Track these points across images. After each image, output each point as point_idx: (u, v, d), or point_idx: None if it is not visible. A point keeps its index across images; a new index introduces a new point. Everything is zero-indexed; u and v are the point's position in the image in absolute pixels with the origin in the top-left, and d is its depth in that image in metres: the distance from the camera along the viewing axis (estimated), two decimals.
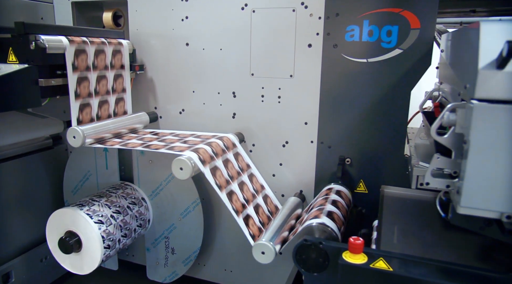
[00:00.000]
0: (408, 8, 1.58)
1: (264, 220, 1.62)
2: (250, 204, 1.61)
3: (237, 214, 1.49)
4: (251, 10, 1.81)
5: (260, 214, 1.62)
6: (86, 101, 1.70)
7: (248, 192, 1.66)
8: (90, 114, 1.73)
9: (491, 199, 0.95)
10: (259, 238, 1.47)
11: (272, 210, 1.73)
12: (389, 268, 1.10)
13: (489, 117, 0.92)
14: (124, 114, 1.94)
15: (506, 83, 0.89)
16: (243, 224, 1.48)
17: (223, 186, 1.53)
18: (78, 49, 1.62)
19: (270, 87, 1.85)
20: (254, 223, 1.54)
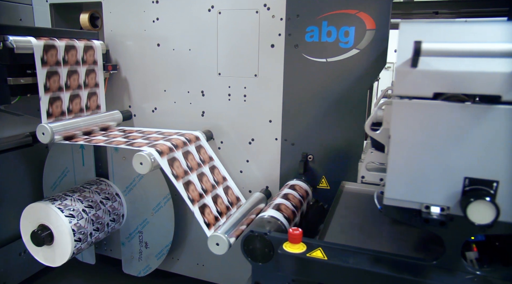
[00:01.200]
0: (363, 9, 1.64)
1: (222, 210, 1.68)
2: (208, 194, 1.67)
3: (192, 203, 1.55)
4: (217, 12, 1.87)
5: (218, 204, 1.68)
6: (57, 95, 1.77)
7: (208, 183, 1.72)
8: (60, 108, 1.80)
9: (412, 191, 1.01)
10: (216, 229, 1.53)
11: (232, 201, 1.79)
12: (324, 257, 1.16)
13: (406, 113, 0.97)
14: (97, 108, 2.01)
15: (420, 81, 0.94)
16: (198, 213, 1.54)
17: (180, 176, 1.59)
18: (47, 44, 1.69)
19: (236, 86, 1.92)
20: (210, 212, 1.60)
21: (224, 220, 1.64)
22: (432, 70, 0.93)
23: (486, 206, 0.90)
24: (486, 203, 0.90)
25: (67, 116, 1.84)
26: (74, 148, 2.22)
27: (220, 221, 1.62)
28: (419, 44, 0.88)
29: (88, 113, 1.96)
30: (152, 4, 1.99)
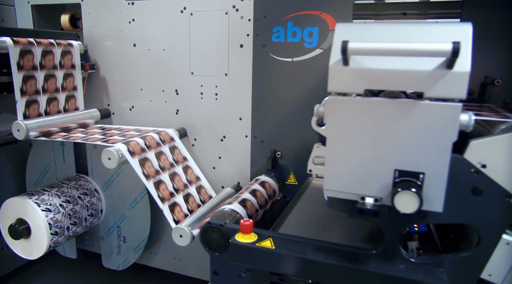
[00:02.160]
0: (326, 10, 1.70)
1: (193, 208, 1.74)
2: (179, 193, 1.73)
3: (162, 201, 1.61)
4: (189, 13, 1.93)
5: (189, 203, 1.74)
6: (33, 98, 1.84)
7: (180, 182, 1.78)
8: (37, 110, 1.86)
9: (348, 183, 1.06)
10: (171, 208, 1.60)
11: (205, 199, 1.85)
12: (272, 247, 1.21)
13: (340, 108, 1.03)
14: (76, 111, 2.08)
15: (352, 78, 1.00)
16: (167, 210, 1.60)
17: (151, 176, 1.65)
18: (24, 50, 1.75)
19: (208, 85, 1.98)
20: (180, 210, 1.66)
21: (181, 197, 1.71)
22: (362, 68, 0.99)
23: (411, 196, 0.96)
24: (410, 193, 0.96)
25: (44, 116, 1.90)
26: (55, 145, 2.29)
27: (176, 197, 1.68)
28: (345, 43, 0.94)
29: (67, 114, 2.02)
30: (128, 6, 2.05)
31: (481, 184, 1.02)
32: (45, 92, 1.89)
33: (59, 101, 1.97)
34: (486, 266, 1.07)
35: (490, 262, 1.07)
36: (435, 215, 1.06)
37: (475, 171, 1.02)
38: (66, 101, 2.01)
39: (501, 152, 0.99)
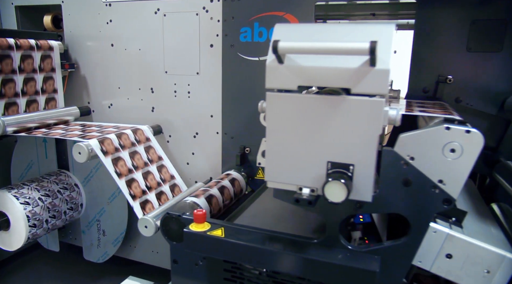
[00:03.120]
0: (289, 11, 1.76)
1: (152, 185, 1.81)
2: (152, 191, 1.80)
3: (133, 198, 1.68)
4: (162, 14, 2.01)
5: (162, 200, 1.81)
6: (12, 100, 1.92)
7: (153, 181, 1.85)
8: (16, 112, 1.94)
9: (287, 174, 1.13)
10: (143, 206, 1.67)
11: (166, 178, 1.92)
12: (222, 235, 1.28)
13: (276, 104, 1.10)
14: None
15: (286, 75, 1.07)
16: (138, 207, 1.67)
17: (123, 174, 1.72)
18: (2, 54, 1.83)
19: (181, 84, 2.05)
20: (152, 207, 1.73)
21: (153, 194, 1.78)
22: (295, 66, 1.05)
23: (339, 186, 1.02)
24: (338, 183, 1.02)
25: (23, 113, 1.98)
26: (38, 142, 2.37)
27: (148, 195, 1.76)
28: (276, 43, 1.00)
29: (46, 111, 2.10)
30: (106, 7, 2.13)
31: (410, 175, 1.09)
32: (25, 95, 1.97)
33: (39, 104, 2.05)
34: (417, 253, 1.13)
35: (420, 249, 1.13)
36: (370, 205, 1.13)
37: (404, 163, 1.08)
38: (46, 103, 2.09)
39: (427, 145, 1.06)
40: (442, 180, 1.06)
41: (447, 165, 1.05)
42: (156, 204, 1.78)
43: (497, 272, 1.07)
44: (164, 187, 1.90)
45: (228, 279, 1.37)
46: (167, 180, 1.95)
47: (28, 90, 1.98)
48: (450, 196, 1.07)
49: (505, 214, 1.40)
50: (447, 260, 1.11)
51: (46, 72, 2.07)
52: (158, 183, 1.88)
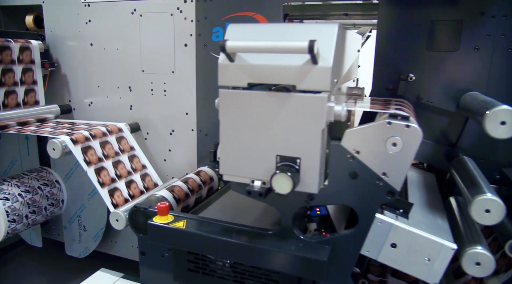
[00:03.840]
0: (259, 11, 1.81)
1: (135, 194, 1.86)
2: (121, 179, 1.85)
3: (102, 186, 1.74)
4: (139, 15, 2.06)
5: (131, 189, 1.86)
6: None
7: (123, 170, 1.90)
8: None
9: (239, 167, 1.18)
10: None
11: (149, 186, 1.97)
12: (183, 227, 1.33)
13: (228, 100, 1.15)
14: (36, 104, 2.21)
15: (236, 73, 1.12)
16: (106, 195, 1.72)
17: (92, 163, 1.78)
18: None
19: (157, 82, 2.10)
20: (121, 194, 1.79)
21: (123, 183, 1.83)
22: (245, 64, 1.10)
23: (284, 178, 1.07)
24: (283, 176, 1.07)
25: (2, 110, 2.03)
26: (20, 139, 2.42)
27: (118, 183, 1.81)
28: (223, 42, 1.06)
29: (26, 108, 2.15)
30: (85, 8, 2.18)
31: (356, 168, 1.14)
32: (3, 86, 2.02)
33: (18, 94, 2.10)
34: (365, 243, 1.18)
35: (367, 239, 1.18)
36: (320, 197, 1.18)
37: (350, 156, 1.14)
38: (26, 94, 2.14)
39: (371, 139, 1.11)
40: (385, 172, 1.11)
41: (390, 158, 1.10)
42: (125, 192, 1.82)
43: (437, 260, 1.12)
44: (135, 176, 1.95)
45: (191, 270, 1.42)
46: (138, 169, 1.99)
47: (6, 81, 2.03)
48: (394, 188, 1.12)
49: (459, 206, 1.45)
50: (392, 249, 1.16)
51: (25, 64, 2.12)
52: (129, 171, 1.93)
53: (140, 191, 1.92)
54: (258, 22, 1.82)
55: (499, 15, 1.48)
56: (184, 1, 1.95)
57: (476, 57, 1.54)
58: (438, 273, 1.13)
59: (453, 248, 1.11)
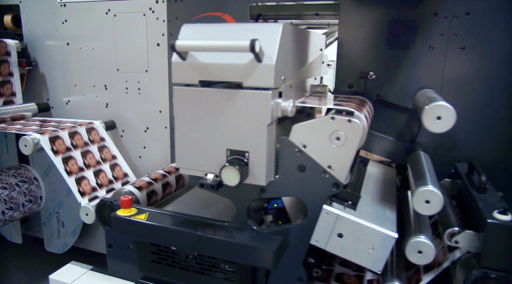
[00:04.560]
0: (227, 12, 1.87)
1: (103, 183, 1.91)
2: (90, 169, 1.90)
3: (69, 174, 1.78)
4: (113, 15, 2.11)
5: (100, 178, 1.91)
6: None
7: (92, 159, 1.95)
8: None
9: (194, 161, 1.23)
10: (92, 199, 1.77)
11: (119, 176, 2.01)
12: (144, 219, 1.38)
13: (181, 97, 1.20)
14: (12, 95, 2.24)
15: (188, 71, 1.17)
16: (73, 183, 1.77)
17: (60, 152, 1.82)
18: None
19: (131, 81, 2.15)
20: (88, 183, 1.84)
21: (91, 172, 1.88)
22: (196, 63, 1.16)
23: (232, 171, 1.12)
24: (231, 168, 1.12)
25: None
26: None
27: (99, 192, 1.85)
28: (173, 42, 1.11)
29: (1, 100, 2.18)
30: (61, 8, 2.23)
31: (304, 162, 1.19)
32: None
33: None
34: (314, 233, 1.24)
35: (316, 230, 1.23)
36: (271, 189, 1.24)
37: (298, 150, 1.19)
38: (1, 86, 2.17)
39: (317, 133, 1.16)
40: (330, 165, 1.17)
41: (334, 151, 1.16)
42: (93, 181, 1.87)
43: (379, 248, 1.17)
44: (104, 165, 1.99)
45: (155, 261, 1.47)
46: (108, 159, 2.04)
47: None
48: (338, 180, 1.18)
49: None
50: (338, 239, 1.22)
51: (3, 77, 2.16)
52: (98, 161, 1.98)
53: (108, 180, 1.97)
54: (226, 22, 1.87)
55: (451, 16, 1.54)
56: (156, 1, 2.00)
57: (431, 55, 1.60)
58: (381, 261, 1.18)
59: (394, 236, 1.17)
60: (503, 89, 1.54)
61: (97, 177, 1.92)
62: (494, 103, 1.56)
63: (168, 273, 1.46)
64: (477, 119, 1.59)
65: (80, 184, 1.80)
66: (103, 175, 1.96)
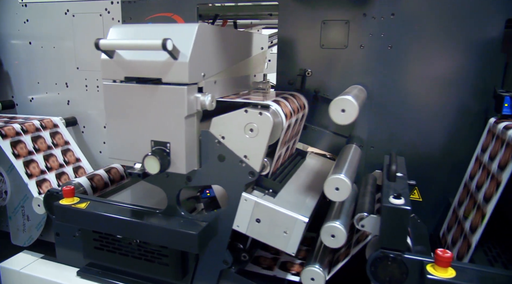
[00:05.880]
0: (177, 12, 1.96)
1: (53, 167, 1.99)
2: (52, 171, 1.98)
3: (29, 177, 1.87)
4: (72, 15, 2.19)
5: (62, 180, 2.00)
6: None
7: (55, 162, 2.03)
8: None
9: (123, 151, 1.32)
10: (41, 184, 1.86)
11: (70, 161, 2.10)
12: (84, 207, 1.47)
13: (109, 92, 1.29)
14: None
15: (115, 68, 1.26)
16: (33, 185, 1.86)
17: (21, 155, 1.91)
18: None
19: (91, 79, 2.23)
20: (49, 185, 1.92)
21: (53, 174, 1.97)
22: (121, 60, 1.25)
23: (152, 160, 1.22)
24: (152, 158, 1.21)
25: None
26: None
27: (47, 174, 1.94)
28: (97, 41, 1.20)
29: None
30: (22, 8, 2.31)
31: (223, 152, 1.29)
32: None
33: None
34: (235, 219, 1.33)
35: (237, 216, 1.33)
36: (196, 178, 1.33)
37: (218, 141, 1.28)
38: None
39: (233, 125, 1.26)
40: (246, 155, 1.27)
41: (249, 142, 1.25)
42: (43, 165, 1.95)
43: (293, 232, 1.27)
44: (55, 150, 2.07)
45: (97, 247, 1.55)
46: (60, 145, 2.11)
47: None
48: (253, 169, 1.27)
49: None
50: (257, 224, 1.31)
51: None
52: (49, 146, 2.05)
53: (59, 164, 2.05)
54: (176, 22, 1.96)
55: (378, 16, 1.64)
56: (111, 2, 2.08)
57: (362, 54, 1.70)
58: (295, 243, 1.28)
59: (305, 221, 1.26)
60: (430, 85, 1.64)
61: (59, 179, 2.01)
62: (422, 99, 1.66)
63: (109, 259, 1.55)
64: (408, 114, 1.69)
65: (41, 186, 1.90)
66: (65, 177, 2.05)
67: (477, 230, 1.29)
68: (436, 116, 1.66)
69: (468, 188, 1.51)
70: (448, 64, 1.60)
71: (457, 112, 1.63)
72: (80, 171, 2.14)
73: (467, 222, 1.39)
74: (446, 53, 1.59)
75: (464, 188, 1.58)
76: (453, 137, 1.65)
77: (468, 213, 1.43)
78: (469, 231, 1.34)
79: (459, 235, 1.43)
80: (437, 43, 1.59)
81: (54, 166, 2.02)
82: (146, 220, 1.37)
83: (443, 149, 1.67)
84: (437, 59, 1.60)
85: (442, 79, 1.62)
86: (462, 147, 1.65)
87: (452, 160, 1.67)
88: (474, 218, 1.34)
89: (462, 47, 1.57)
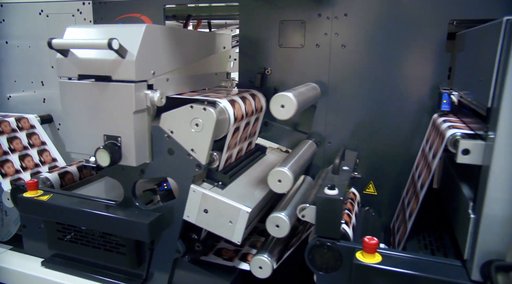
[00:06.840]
0: (145, 13, 2.03)
1: (28, 166, 2.06)
2: (27, 171, 2.05)
3: (4, 176, 1.93)
4: (46, 15, 2.26)
5: (25, 161, 2.06)
6: None
7: (30, 162, 2.10)
8: None
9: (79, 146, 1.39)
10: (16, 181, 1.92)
11: (46, 161, 2.16)
12: (45, 199, 1.54)
13: (65, 89, 1.36)
14: None
15: (69, 66, 1.33)
16: (7, 184, 1.92)
17: None
18: None
19: None
20: (12, 166, 1.99)
21: (28, 174, 2.03)
22: (75, 59, 1.32)
23: (103, 154, 1.28)
24: (103, 151, 1.28)
25: None
26: None
27: (22, 174, 2.01)
28: (50, 40, 1.27)
29: None
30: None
31: (172, 146, 1.36)
32: None
33: None
34: (185, 210, 1.40)
35: (187, 207, 1.39)
36: (149, 171, 1.40)
37: (167, 136, 1.35)
38: None
39: (181, 120, 1.33)
40: (193, 149, 1.34)
41: (195, 136, 1.32)
42: (18, 164, 2.00)
43: (237, 222, 1.34)
44: (31, 151, 2.13)
45: (60, 238, 1.62)
46: (37, 145, 2.18)
47: None
48: (200, 162, 1.34)
49: None
50: (205, 214, 1.38)
51: None
52: (25, 146, 2.12)
53: (34, 163, 2.11)
54: (143, 22, 2.03)
55: (332, 16, 1.71)
56: (83, 3, 2.15)
57: (318, 52, 1.77)
58: (240, 233, 1.35)
59: (248, 211, 1.33)
60: (383, 83, 1.70)
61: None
62: (376, 96, 1.73)
63: (72, 249, 1.62)
64: (362, 111, 1.75)
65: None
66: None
67: (411, 216, 1.36)
68: (389, 112, 1.72)
69: (414, 178, 1.58)
70: (398, 63, 1.67)
71: (408, 109, 1.70)
72: (45, 154, 2.20)
73: (408, 210, 1.46)
74: (397, 53, 1.66)
75: (411, 178, 1.65)
76: (405, 133, 1.72)
77: (409, 201, 1.50)
78: (408, 218, 1.41)
79: (401, 223, 1.50)
80: (388, 42, 1.66)
81: (29, 165, 2.09)
82: (102, 211, 1.44)
83: (396, 144, 1.74)
84: (388, 58, 1.67)
85: (394, 77, 1.68)
86: (413, 142, 1.72)
87: (404, 154, 1.74)
88: (412, 206, 1.41)
89: (411, 46, 1.64)
